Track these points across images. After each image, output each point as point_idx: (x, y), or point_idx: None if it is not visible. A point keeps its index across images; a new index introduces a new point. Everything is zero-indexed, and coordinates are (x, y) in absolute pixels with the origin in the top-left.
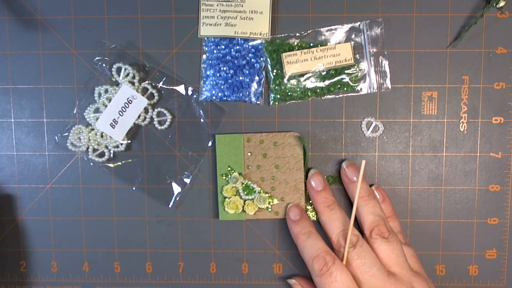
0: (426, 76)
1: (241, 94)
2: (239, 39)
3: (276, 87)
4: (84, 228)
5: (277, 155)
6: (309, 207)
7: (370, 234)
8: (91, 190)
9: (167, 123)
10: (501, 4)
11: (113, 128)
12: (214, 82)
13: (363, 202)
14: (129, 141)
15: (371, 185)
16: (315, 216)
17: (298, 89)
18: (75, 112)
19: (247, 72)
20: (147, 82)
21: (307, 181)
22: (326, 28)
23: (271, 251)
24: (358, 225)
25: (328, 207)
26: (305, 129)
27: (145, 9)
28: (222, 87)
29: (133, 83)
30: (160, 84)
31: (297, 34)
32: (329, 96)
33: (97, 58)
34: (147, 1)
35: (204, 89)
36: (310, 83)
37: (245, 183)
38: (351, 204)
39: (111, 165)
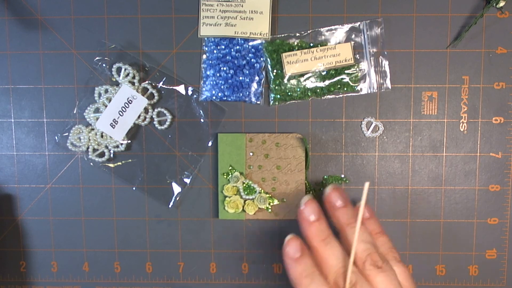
0: (426, 76)
1: (241, 94)
2: (239, 39)
3: (276, 87)
4: (84, 228)
5: (279, 156)
6: None
7: (363, 264)
8: (91, 190)
9: (167, 123)
10: (501, 4)
11: (113, 128)
12: (214, 82)
13: (352, 230)
14: (129, 141)
15: (354, 204)
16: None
17: (298, 89)
18: (75, 112)
19: (247, 72)
20: (147, 82)
21: (299, 210)
22: (326, 28)
23: (271, 251)
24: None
25: (323, 240)
26: (305, 129)
27: (145, 9)
28: (222, 87)
29: (133, 83)
30: (160, 84)
31: (297, 34)
32: (329, 96)
33: (97, 58)
34: (147, 1)
35: (204, 89)
36: (310, 83)
37: (246, 182)
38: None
39: (111, 165)
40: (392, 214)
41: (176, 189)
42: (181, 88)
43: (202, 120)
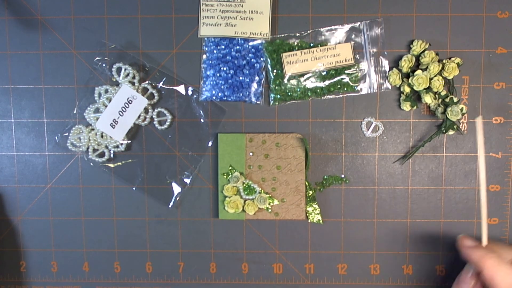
0: None
1: (241, 94)
2: (239, 39)
3: (276, 87)
4: (84, 228)
5: (279, 156)
6: (309, 209)
7: None
8: (91, 190)
9: (167, 123)
10: (450, 132)
11: (113, 128)
12: (214, 82)
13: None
14: (129, 141)
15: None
16: (320, 219)
17: (298, 89)
18: (75, 112)
19: (247, 72)
20: (147, 82)
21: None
22: (326, 28)
23: (271, 251)
24: None
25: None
26: (305, 129)
27: (145, 9)
28: (222, 87)
29: (133, 83)
30: (160, 84)
31: (297, 34)
32: (329, 96)
33: (97, 58)
34: (147, 1)
35: (204, 89)
36: (310, 83)
37: (246, 183)
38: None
39: (111, 165)
40: (392, 214)
41: (176, 189)
42: (181, 88)
43: (202, 120)
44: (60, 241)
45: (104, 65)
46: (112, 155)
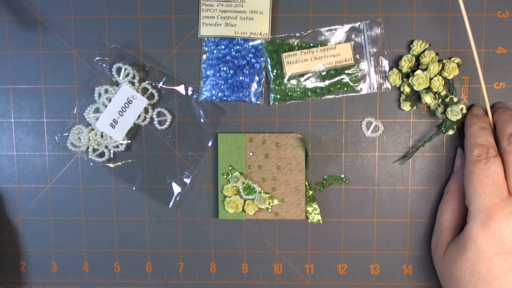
0: None
1: (241, 94)
2: (239, 39)
3: (276, 87)
4: (84, 228)
5: (279, 156)
6: (309, 209)
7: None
8: (91, 190)
9: (167, 123)
10: (450, 132)
11: (113, 128)
12: (214, 82)
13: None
14: (129, 141)
15: None
16: (320, 219)
17: (298, 89)
18: (75, 112)
19: (247, 72)
20: (147, 82)
21: (469, 112)
22: (326, 28)
23: (271, 251)
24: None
25: (479, 125)
26: (305, 129)
27: (145, 9)
28: (222, 87)
29: (133, 83)
30: (160, 84)
31: (297, 34)
32: (329, 96)
33: (97, 58)
34: (147, 1)
35: (204, 89)
36: (310, 83)
37: (246, 183)
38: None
39: (111, 165)
40: (392, 214)
41: (176, 189)
42: (181, 88)
43: (202, 120)
44: (60, 241)
45: (104, 65)
46: (112, 155)
